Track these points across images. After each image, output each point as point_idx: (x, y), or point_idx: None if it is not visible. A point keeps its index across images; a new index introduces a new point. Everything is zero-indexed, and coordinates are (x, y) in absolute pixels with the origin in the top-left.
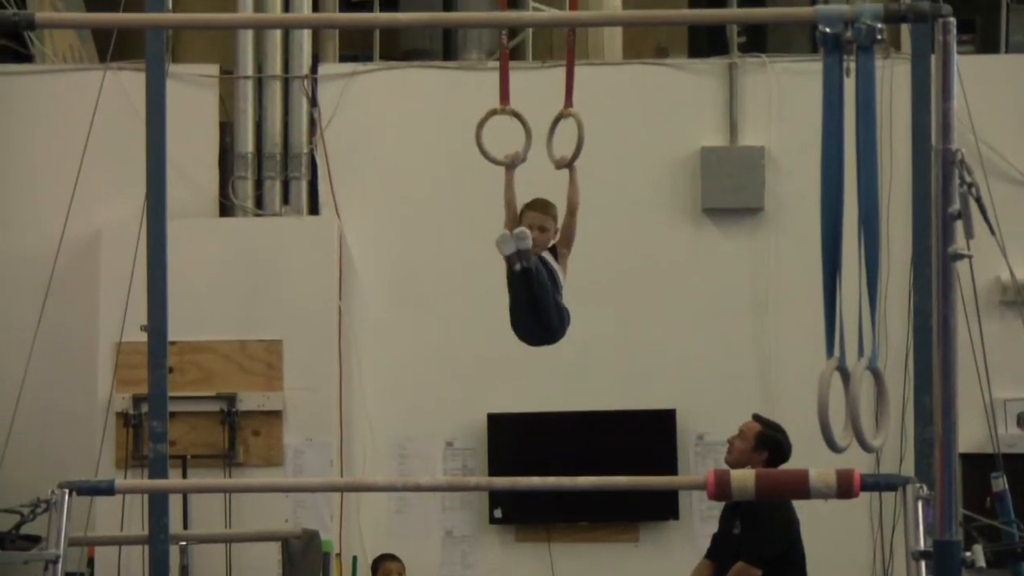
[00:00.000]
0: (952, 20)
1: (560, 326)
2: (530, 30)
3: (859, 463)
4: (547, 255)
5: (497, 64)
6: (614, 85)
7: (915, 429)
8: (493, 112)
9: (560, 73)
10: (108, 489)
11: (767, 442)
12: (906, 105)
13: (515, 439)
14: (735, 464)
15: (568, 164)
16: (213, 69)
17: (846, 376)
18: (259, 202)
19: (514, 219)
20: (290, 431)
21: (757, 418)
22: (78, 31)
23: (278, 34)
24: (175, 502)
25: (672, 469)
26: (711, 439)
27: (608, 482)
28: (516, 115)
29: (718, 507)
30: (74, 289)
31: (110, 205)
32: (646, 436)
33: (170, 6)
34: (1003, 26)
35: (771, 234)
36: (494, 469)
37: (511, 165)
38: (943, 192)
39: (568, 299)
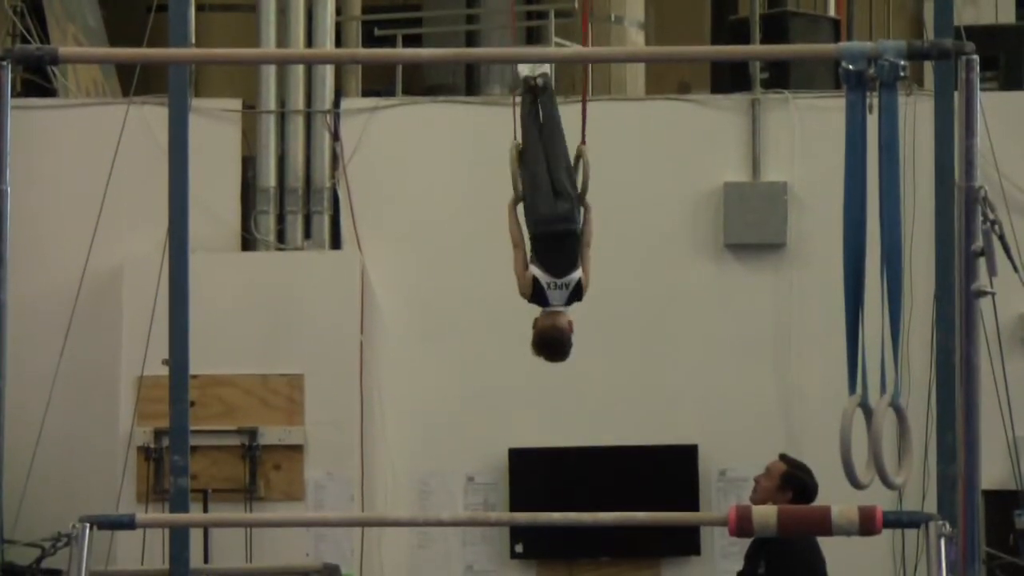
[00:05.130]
0: (975, 57)
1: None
2: (552, 65)
3: (881, 500)
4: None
5: (519, 99)
6: (637, 121)
7: (938, 466)
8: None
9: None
10: (129, 523)
11: (792, 482)
12: (929, 141)
13: (537, 474)
14: (760, 503)
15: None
16: (236, 104)
17: (868, 413)
18: (281, 236)
19: (523, 260)
20: (311, 465)
21: (784, 458)
22: (101, 66)
23: (301, 69)
24: (196, 536)
25: (694, 505)
26: (733, 475)
27: (630, 518)
28: None
29: (741, 543)
30: (96, 323)
31: (132, 239)
32: (668, 472)
33: (193, 41)
34: None
35: (793, 270)
36: (515, 504)
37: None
38: (966, 229)
39: (590, 333)
